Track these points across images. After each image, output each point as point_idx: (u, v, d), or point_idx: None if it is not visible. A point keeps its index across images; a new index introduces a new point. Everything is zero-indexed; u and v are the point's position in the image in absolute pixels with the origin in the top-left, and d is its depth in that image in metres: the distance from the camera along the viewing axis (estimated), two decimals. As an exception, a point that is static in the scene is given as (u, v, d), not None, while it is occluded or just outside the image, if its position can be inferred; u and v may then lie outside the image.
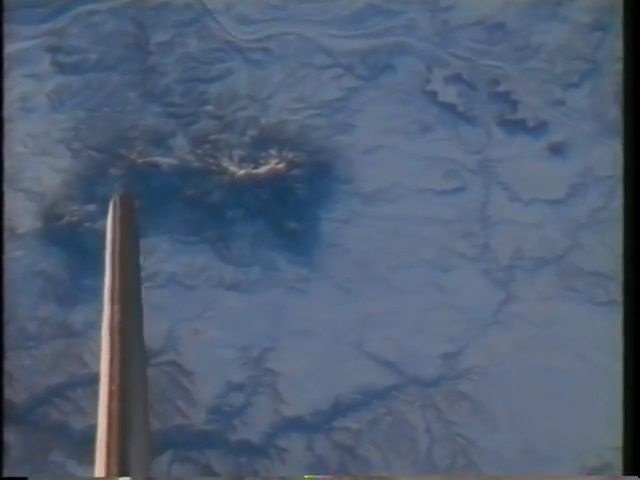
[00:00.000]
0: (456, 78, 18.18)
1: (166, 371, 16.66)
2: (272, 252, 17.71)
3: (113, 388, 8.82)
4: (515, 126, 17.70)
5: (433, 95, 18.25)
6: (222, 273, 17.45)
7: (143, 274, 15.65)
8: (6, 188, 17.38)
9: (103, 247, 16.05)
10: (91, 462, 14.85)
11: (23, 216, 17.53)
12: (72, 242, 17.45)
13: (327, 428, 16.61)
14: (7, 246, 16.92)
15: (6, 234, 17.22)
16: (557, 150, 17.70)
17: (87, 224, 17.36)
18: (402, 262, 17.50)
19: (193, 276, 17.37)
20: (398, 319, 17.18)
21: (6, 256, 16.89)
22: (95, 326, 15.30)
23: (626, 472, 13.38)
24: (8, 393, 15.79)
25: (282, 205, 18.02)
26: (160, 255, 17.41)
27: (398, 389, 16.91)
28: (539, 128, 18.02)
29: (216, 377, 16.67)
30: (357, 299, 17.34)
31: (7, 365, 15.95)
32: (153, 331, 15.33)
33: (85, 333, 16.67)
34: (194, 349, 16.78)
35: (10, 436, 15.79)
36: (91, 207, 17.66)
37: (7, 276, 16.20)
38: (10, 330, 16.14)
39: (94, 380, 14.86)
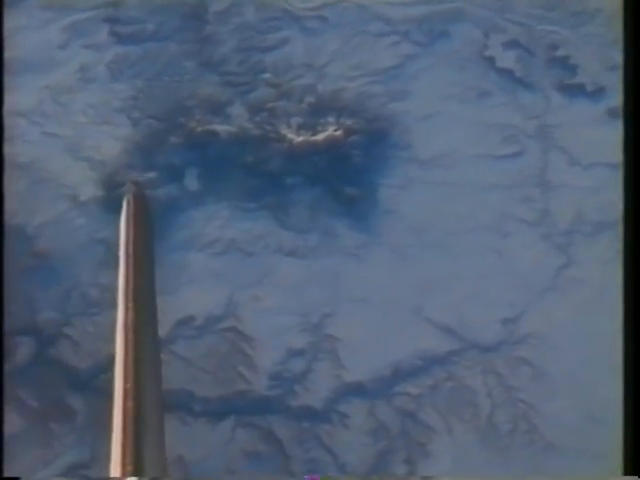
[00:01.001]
0: (514, 44, 17.25)
1: (227, 337, 16.03)
2: (330, 218, 16.93)
3: (127, 386, 8.53)
4: (574, 91, 16.71)
5: (491, 61, 17.33)
6: (281, 240, 16.73)
7: (203, 241, 15.80)
8: (67, 157, 16.99)
9: (160, 216, 15.61)
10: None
11: (84, 184, 16.99)
12: (133, 209, 15.55)
13: (388, 394, 15.89)
14: (69, 214, 16.49)
15: (68, 202, 16.86)
16: (616, 114, 16.30)
17: (147, 191, 15.94)
18: (460, 228, 16.69)
19: (252, 243, 16.69)
20: (457, 285, 16.39)
21: (69, 224, 16.35)
22: (157, 292, 14.65)
23: (626, 472, 12.67)
24: (73, 360, 15.43)
25: (340, 172, 17.28)
26: (219, 222, 16.75)
27: (458, 354, 16.20)
28: (598, 92, 17.19)
29: (276, 343, 16.02)
30: (415, 265, 16.57)
31: (71, 331, 15.61)
32: (213, 298, 15.62)
33: (147, 299, 14.92)
34: (254, 315, 16.11)
35: (76, 402, 15.35)
36: (151, 175, 17.10)
37: (70, 243, 15.22)
38: (74, 297, 15.56)
39: None
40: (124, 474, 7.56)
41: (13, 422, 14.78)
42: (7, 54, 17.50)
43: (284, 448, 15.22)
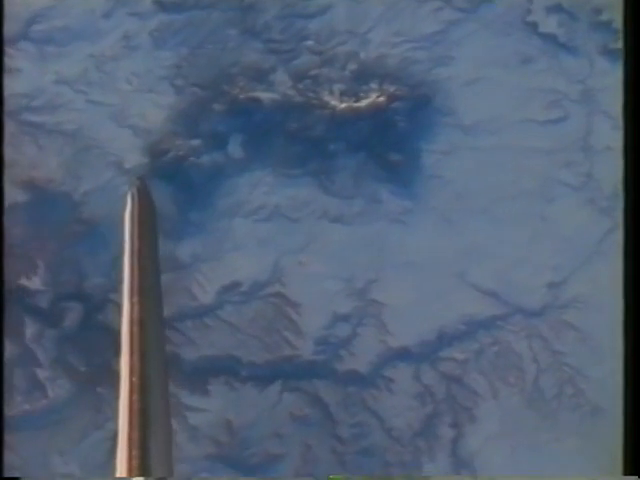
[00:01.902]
0: (557, 8, 16.58)
1: (273, 303, 15.65)
2: (374, 184, 16.41)
3: (133, 380, 8.19)
4: (618, 55, 15.50)
5: (534, 26, 16.69)
6: (326, 205, 16.21)
7: (248, 208, 15.42)
8: (112, 125, 16.58)
9: (205, 183, 14.96)
10: (203, 393, 13.87)
11: (129, 152, 16.49)
12: (178, 176, 16.33)
13: (433, 358, 15.52)
14: (115, 181, 16.11)
15: (114, 170, 16.43)
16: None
17: (192, 159, 16.30)
18: (505, 193, 16.14)
19: (297, 209, 16.19)
20: (502, 250, 15.88)
21: (114, 191, 16.01)
22: (203, 259, 14.79)
23: (626, 472, 12.38)
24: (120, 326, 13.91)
25: (383, 138, 16.67)
26: (264, 188, 16.30)
27: (503, 319, 15.73)
28: (642, 56, 15.92)
29: (322, 308, 15.59)
30: (460, 230, 16.04)
31: (119, 298, 14.00)
32: (259, 264, 15.19)
33: (192, 266, 15.70)
34: (299, 281, 15.67)
35: None
36: (195, 142, 16.52)
37: (116, 210, 14.64)
38: (120, 263, 14.18)
39: (203, 312, 14.37)
40: (130, 467, 7.21)
41: (63, 387, 14.61)
42: (52, 24, 17.46)
43: (330, 412, 14.94)
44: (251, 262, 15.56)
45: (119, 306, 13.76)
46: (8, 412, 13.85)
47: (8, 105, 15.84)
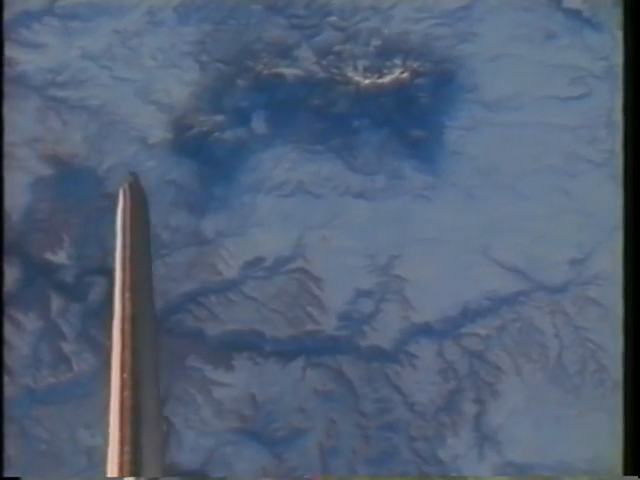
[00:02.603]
0: (581, -16, 15.51)
1: (296, 278, 15.28)
2: (397, 160, 16.00)
3: (125, 376, 8.04)
4: None
5: (557, 1, 16.34)
6: (348, 181, 15.83)
7: (271, 183, 15.22)
8: (136, 100, 16.13)
9: (231, 158, 14.56)
10: (227, 367, 13.44)
11: (154, 127, 16.08)
12: (202, 152, 15.94)
13: (456, 334, 15.19)
14: (139, 156, 15.53)
15: (138, 145, 15.98)
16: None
17: (216, 134, 15.90)
18: (528, 169, 15.76)
19: (320, 185, 15.79)
20: (525, 225, 15.49)
21: (138, 166, 15.42)
22: (226, 234, 14.55)
23: (626, 472, 12.17)
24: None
25: (407, 114, 16.25)
26: (287, 164, 15.88)
27: (526, 295, 15.35)
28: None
29: (345, 284, 15.24)
30: (483, 206, 15.65)
31: None
32: (282, 239, 14.93)
33: (216, 241, 15.34)
34: (322, 256, 15.31)
35: None
36: (219, 118, 16.13)
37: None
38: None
39: (227, 287, 14.25)
40: (122, 463, 7.12)
41: (88, 361, 14.37)
42: (76, -1, 15.87)
43: (354, 387, 14.62)
44: (274, 238, 15.22)
45: None
46: (34, 385, 13.15)
47: (33, 80, 15.74)
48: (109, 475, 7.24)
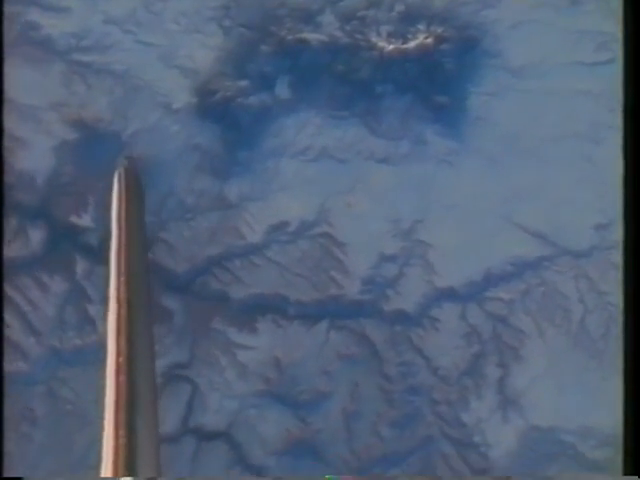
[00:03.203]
0: (605, -52, 15.04)
1: (320, 242, 14.97)
2: (421, 126, 15.59)
3: (120, 360, 7.74)
4: None
5: (582, -33, 15.04)
6: (372, 147, 15.43)
7: (295, 149, 14.86)
8: (160, 65, 15.75)
9: (252, 124, 14.70)
10: (252, 331, 13.07)
11: (178, 92, 15.67)
12: (226, 117, 15.52)
13: (479, 298, 14.87)
14: (163, 121, 15.28)
15: (162, 110, 15.56)
16: None
17: (240, 99, 15.52)
18: (552, 135, 15.36)
19: (344, 150, 15.40)
20: (548, 191, 15.15)
21: (163, 131, 15.23)
22: (250, 199, 14.41)
23: (626, 472, 11.87)
24: (170, 263, 14.53)
25: (431, 79, 15.86)
26: (311, 130, 15.48)
27: (550, 260, 15.02)
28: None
29: (368, 248, 14.94)
30: (507, 172, 15.30)
31: (168, 236, 14.62)
32: (306, 204, 14.62)
33: (240, 205, 14.99)
34: (346, 221, 15.00)
35: (174, 304, 14.46)
36: (243, 83, 15.73)
37: (165, 149, 14.13)
38: (169, 202, 14.75)
39: (251, 251, 14.09)
40: (117, 446, 6.92)
41: None
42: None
43: (377, 351, 14.38)
44: (298, 202, 14.89)
45: (169, 245, 13.09)
46: (60, 346, 12.87)
47: (58, 45, 15.35)
48: (104, 458, 7.05)
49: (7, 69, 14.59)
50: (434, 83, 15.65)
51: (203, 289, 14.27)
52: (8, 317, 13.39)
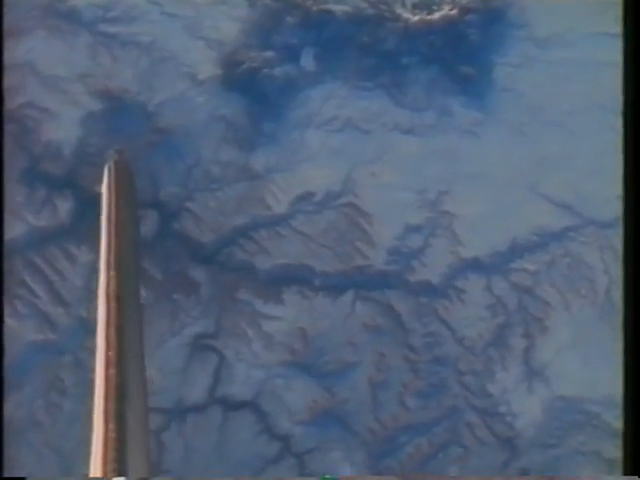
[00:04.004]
0: None
1: (345, 213, 14.32)
2: (446, 97, 14.89)
3: (110, 354, 7.18)
4: None
5: (608, -64, 14.21)
6: (398, 118, 14.73)
7: (321, 119, 14.23)
8: (186, 37, 15.04)
9: (278, 95, 14.25)
10: (277, 301, 12.34)
11: (203, 63, 14.93)
12: (251, 88, 14.78)
13: (505, 269, 14.23)
14: (189, 93, 14.63)
15: (187, 81, 14.83)
16: None
17: (265, 70, 14.82)
18: (577, 106, 14.69)
19: (369, 121, 14.70)
20: (574, 162, 14.49)
21: (189, 102, 14.67)
22: (276, 169, 13.92)
23: (626, 472, 11.41)
24: (196, 234, 13.90)
25: (456, 51, 15.10)
26: (336, 101, 14.77)
27: (575, 230, 14.41)
28: None
29: (394, 219, 14.30)
30: (532, 142, 14.58)
31: (194, 207, 14.00)
32: (332, 175, 14.00)
33: (266, 176, 14.31)
34: (371, 192, 14.35)
35: (200, 275, 13.84)
36: (269, 54, 15.01)
37: (191, 120, 14.08)
38: (195, 173, 14.17)
39: (276, 222, 13.55)
40: (107, 440, 6.44)
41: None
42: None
43: (403, 322, 13.77)
44: (324, 173, 14.25)
45: (195, 215, 12.35)
46: (88, 316, 12.28)
47: (84, 16, 14.67)
48: (93, 453, 6.63)
49: (34, 41, 14.19)
50: (459, 54, 14.92)
51: (229, 260, 13.72)
52: (37, 288, 12.91)
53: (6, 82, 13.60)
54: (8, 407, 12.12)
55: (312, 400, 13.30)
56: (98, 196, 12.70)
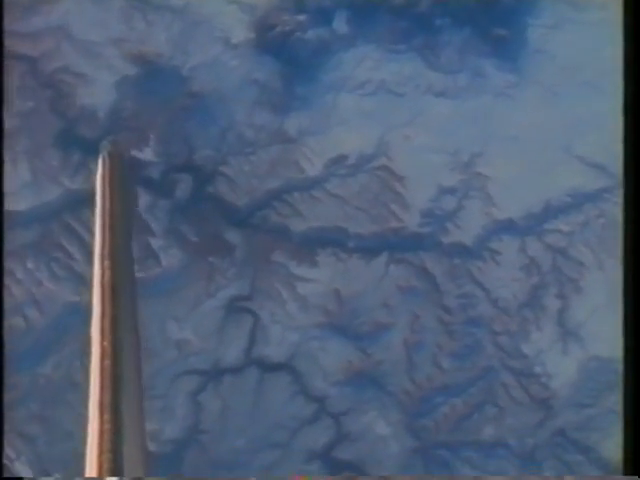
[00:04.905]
0: None
1: (378, 176, 13.50)
2: (479, 59, 13.98)
3: (105, 344, 6.71)
4: None
5: None
6: (431, 80, 13.85)
7: (354, 83, 13.43)
8: (219, 0, 14.11)
9: (311, 58, 13.66)
10: (312, 263, 11.51)
11: (237, 27, 14.07)
12: (284, 51, 13.92)
13: (539, 230, 13.46)
14: (223, 56, 13.83)
15: (221, 45, 14.00)
16: None
17: (298, 34, 13.97)
18: (611, 66, 13.02)
19: (402, 84, 13.81)
20: (608, 123, 12.88)
21: (222, 66, 13.78)
22: (309, 133, 13.03)
23: (626, 472, 10.58)
24: (230, 197, 13.17)
25: (489, 12, 14.12)
26: (369, 64, 13.90)
27: (610, 191, 13.49)
28: None
29: (427, 181, 13.49)
30: (566, 104, 13.66)
31: (228, 170, 13.29)
32: (365, 137, 13.19)
33: (300, 139, 13.47)
34: (405, 154, 13.50)
35: (235, 238, 13.13)
36: (301, 17, 14.11)
37: (225, 84, 13.48)
38: (229, 136, 13.40)
39: (310, 185, 12.82)
40: (102, 430, 6.02)
41: (175, 256, 12.77)
42: None
43: (437, 283, 13.03)
44: (357, 136, 13.41)
45: (230, 179, 12.38)
46: None
47: (118, -19, 13.05)
48: (88, 443, 6.17)
49: (69, 5, 13.42)
50: (492, 16, 13.99)
51: (263, 222, 13.05)
52: (73, 250, 12.28)
53: (41, 47, 13.11)
54: (47, 368, 11.40)
55: (347, 361, 12.72)
56: (133, 159, 11.99)
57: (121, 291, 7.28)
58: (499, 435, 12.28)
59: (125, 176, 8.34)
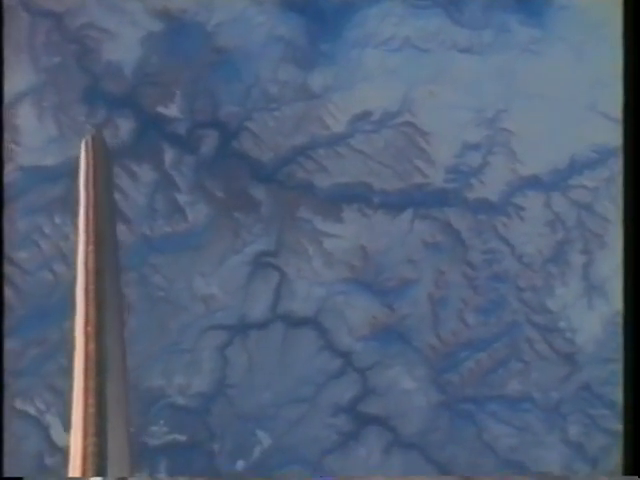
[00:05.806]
0: None
1: (403, 132, 12.73)
2: (504, 14, 13.01)
3: (89, 329, 6.32)
4: None
5: None
6: (455, 36, 12.95)
7: (378, 39, 12.60)
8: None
9: (337, 13, 12.91)
10: (337, 219, 10.71)
11: (263, -16, 12.57)
12: (309, 7, 12.99)
13: (564, 186, 12.69)
14: (247, 12, 13.02)
15: (246, 1, 13.01)
16: None
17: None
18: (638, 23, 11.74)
19: (427, 40, 12.95)
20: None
21: (247, 22, 12.94)
22: (334, 89, 12.30)
23: (626, 472, 10.20)
24: (255, 153, 12.52)
25: (514, -32, 12.51)
26: (394, 20, 13.01)
27: (637, 146, 11.73)
28: None
29: (452, 137, 12.72)
30: (591, 60, 12.76)
31: (253, 126, 12.59)
32: (389, 94, 12.47)
33: (324, 96, 12.70)
34: (429, 110, 12.73)
35: (260, 193, 12.53)
36: (325, -26, 12.49)
37: (250, 40, 12.76)
38: (254, 93, 12.68)
39: (335, 141, 12.11)
40: (86, 414, 5.81)
41: (201, 212, 12.25)
42: None
43: (462, 239, 12.38)
44: (381, 92, 12.68)
45: (255, 135, 12.04)
46: (151, 234, 11.39)
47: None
48: (72, 426, 5.95)
49: (93, -37, 11.98)
50: (517, -29, 12.39)
51: (289, 178, 12.43)
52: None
53: (66, 3, 12.40)
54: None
55: (372, 316, 12.21)
56: (159, 115, 11.21)
57: (105, 276, 6.92)
58: (524, 389, 11.56)
59: (108, 161, 7.83)
